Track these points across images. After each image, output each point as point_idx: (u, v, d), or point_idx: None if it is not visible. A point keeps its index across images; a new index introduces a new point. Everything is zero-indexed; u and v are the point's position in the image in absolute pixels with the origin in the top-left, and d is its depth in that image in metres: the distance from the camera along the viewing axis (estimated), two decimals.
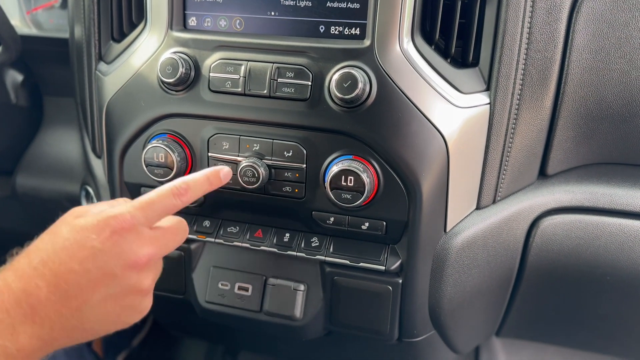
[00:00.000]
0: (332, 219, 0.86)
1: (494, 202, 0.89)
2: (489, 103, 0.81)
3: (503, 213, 0.89)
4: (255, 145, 0.84)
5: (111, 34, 0.94)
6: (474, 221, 0.87)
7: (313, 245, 0.90)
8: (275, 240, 0.92)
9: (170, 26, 0.86)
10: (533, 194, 0.91)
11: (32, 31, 1.16)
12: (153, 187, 0.92)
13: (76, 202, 1.14)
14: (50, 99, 1.22)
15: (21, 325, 0.57)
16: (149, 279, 0.65)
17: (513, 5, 0.78)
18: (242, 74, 0.82)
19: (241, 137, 0.84)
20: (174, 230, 0.70)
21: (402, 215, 0.82)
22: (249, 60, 0.82)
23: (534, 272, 0.95)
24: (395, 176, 0.80)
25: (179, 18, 0.87)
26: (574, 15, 0.80)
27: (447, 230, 0.86)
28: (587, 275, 0.95)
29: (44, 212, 1.22)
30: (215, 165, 0.86)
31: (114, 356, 1.44)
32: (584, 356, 1.36)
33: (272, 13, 0.84)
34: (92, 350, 1.29)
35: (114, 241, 0.61)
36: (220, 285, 0.95)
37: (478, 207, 0.88)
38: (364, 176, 0.78)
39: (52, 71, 1.18)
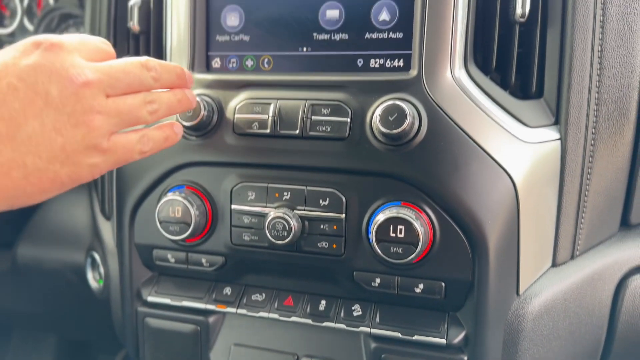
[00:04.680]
0: (378, 280, 0.72)
1: (572, 257, 0.75)
2: (560, 138, 0.71)
3: (584, 271, 0.75)
4: (285, 193, 0.72)
5: None
6: (551, 281, 0.73)
7: (355, 314, 0.75)
8: (308, 309, 0.77)
9: (192, 68, 0.78)
10: (617, 248, 0.77)
11: None
12: (166, 248, 0.80)
13: (81, 273, 1.01)
14: None
15: None
16: (99, 97, 0.55)
17: (580, 27, 0.69)
18: (271, 114, 0.72)
19: (269, 184, 0.73)
20: (124, 69, 0.59)
21: (466, 274, 0.68)
22: (278, 99, 0.73)
23: (624, 343, 0.78)
24: (455, 225, 0.67)
25: (201, 60, 0.79)
26: None
27: (520, 292, 0.72)
28: None
29: (45, 287, 1.09)
30: (239, 218, 0.74)
31: None
32: None
33: (304, 49, 0.76)
34: None
35: (43, 57, 0.53)
36: None
37: (554, 264, 0.74)
38: (417, 224, 0.65)
39: None
